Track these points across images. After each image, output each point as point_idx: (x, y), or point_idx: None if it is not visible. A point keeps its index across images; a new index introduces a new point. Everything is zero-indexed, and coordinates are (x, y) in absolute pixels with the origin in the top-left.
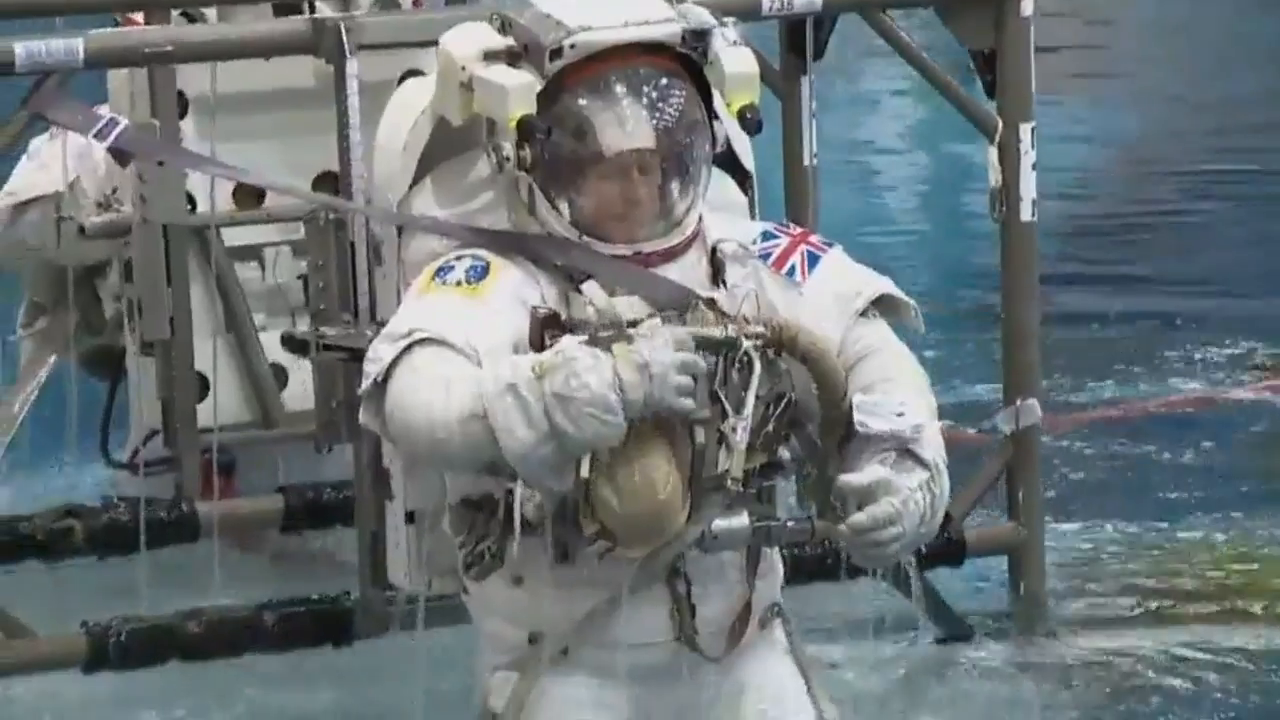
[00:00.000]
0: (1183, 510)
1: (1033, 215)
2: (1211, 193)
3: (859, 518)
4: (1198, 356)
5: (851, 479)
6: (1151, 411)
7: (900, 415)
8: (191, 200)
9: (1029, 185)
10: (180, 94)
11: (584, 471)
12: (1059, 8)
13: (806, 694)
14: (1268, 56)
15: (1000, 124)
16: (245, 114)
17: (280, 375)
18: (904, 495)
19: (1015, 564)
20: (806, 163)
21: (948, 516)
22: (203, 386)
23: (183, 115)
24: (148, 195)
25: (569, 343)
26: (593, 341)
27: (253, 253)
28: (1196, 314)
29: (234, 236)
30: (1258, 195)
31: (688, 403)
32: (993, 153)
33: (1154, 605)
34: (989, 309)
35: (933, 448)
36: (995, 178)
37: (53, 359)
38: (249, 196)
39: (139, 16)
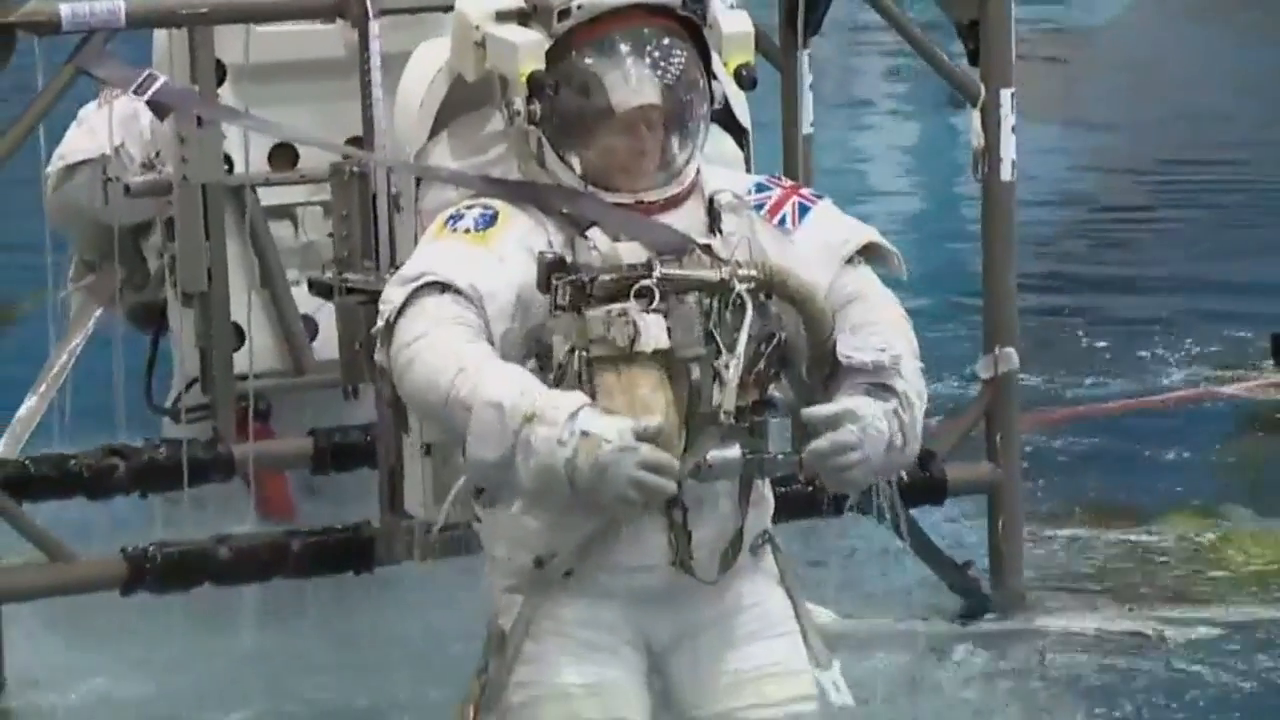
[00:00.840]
0: (1158, 500)
1: (1012, 175)
2: (1179, 201)
3: (819, 443)
4: (1171, 357)
5: (816, 410)
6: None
7: (881, 351)
8: (229, 162)
9: (1009, 147)
10: (219, 62)
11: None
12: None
13: (794, 618)
14: (1224, 83)
15: (983, 90)
16: (279, 82)
17: (311, 326)
18: (865, 422)
19: (993, 502)
20: (804, 131)
21: (931, 455)
22: (239, 337)
23: (221, 82)
24: (188, 157)
25: (567, 405)
26: (594, 406)
27: (286, 212)
28: (1169, 315)
29: (269, 196)
30: (1219, 205)
31: (631, 500)
32: (975, 116)
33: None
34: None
35: (907, 381)
36: (977, 140)
37: (99, 312)
38: (283, 159)
39: None
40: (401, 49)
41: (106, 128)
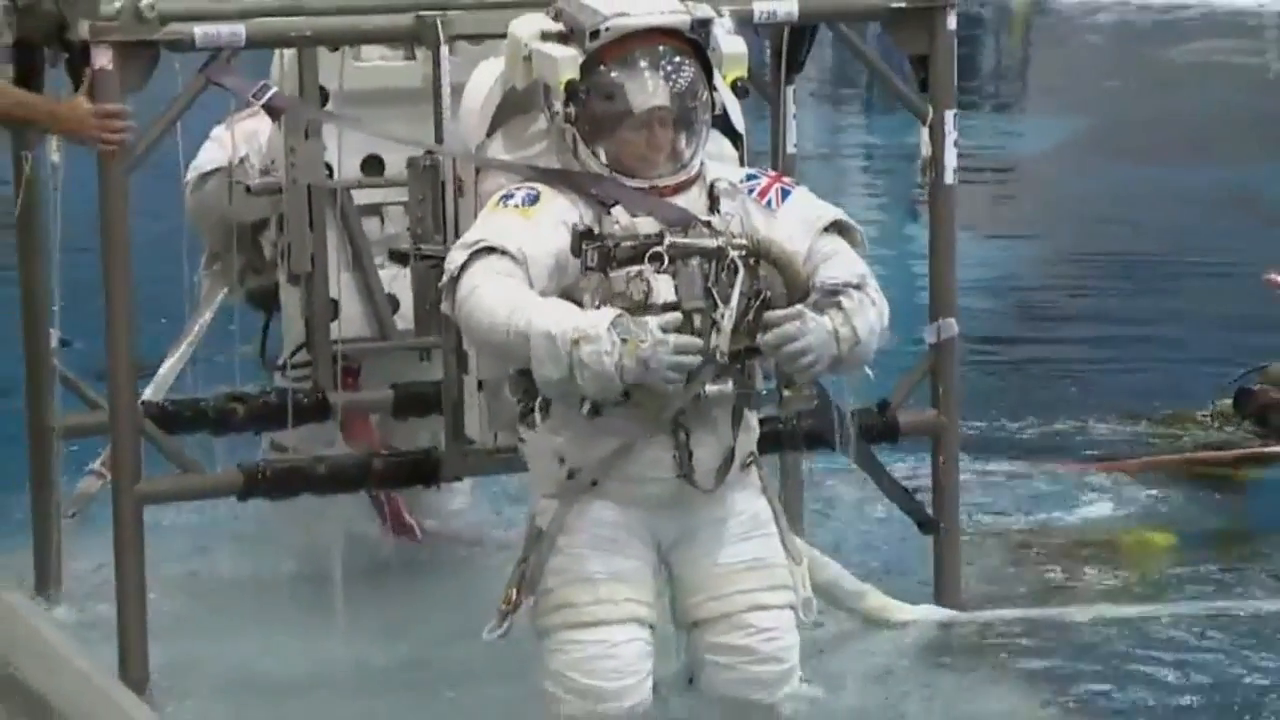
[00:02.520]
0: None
1: (954, 180)
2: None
3: (767, 336)
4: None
5: (773, 314)
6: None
7: (853, 275)
8: (329, 169)
9: (951, 157)
10: (321, 88)
11: None
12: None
13: (774, 522)
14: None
15: (930, 111)
16: (368, 106)
17: (393, 302)
18: (810, 319)
19: (935, 444)
20: (789, 151)
21: (886, 404)
22: (335, 309)
23: (323, 104)
24: (296, 164)
25: (604, 321)
26: (624, 315)
27: (374, 210)
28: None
29: (361, 197)
30: (1154, 275)
31: (673, 379)
32: (924, 132)
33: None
34: None
35: (854, 303)
36: (926, 151)
37: (224, 292)
38: (373, 168)
39: None
40: (461, 80)
41: (232, 143)
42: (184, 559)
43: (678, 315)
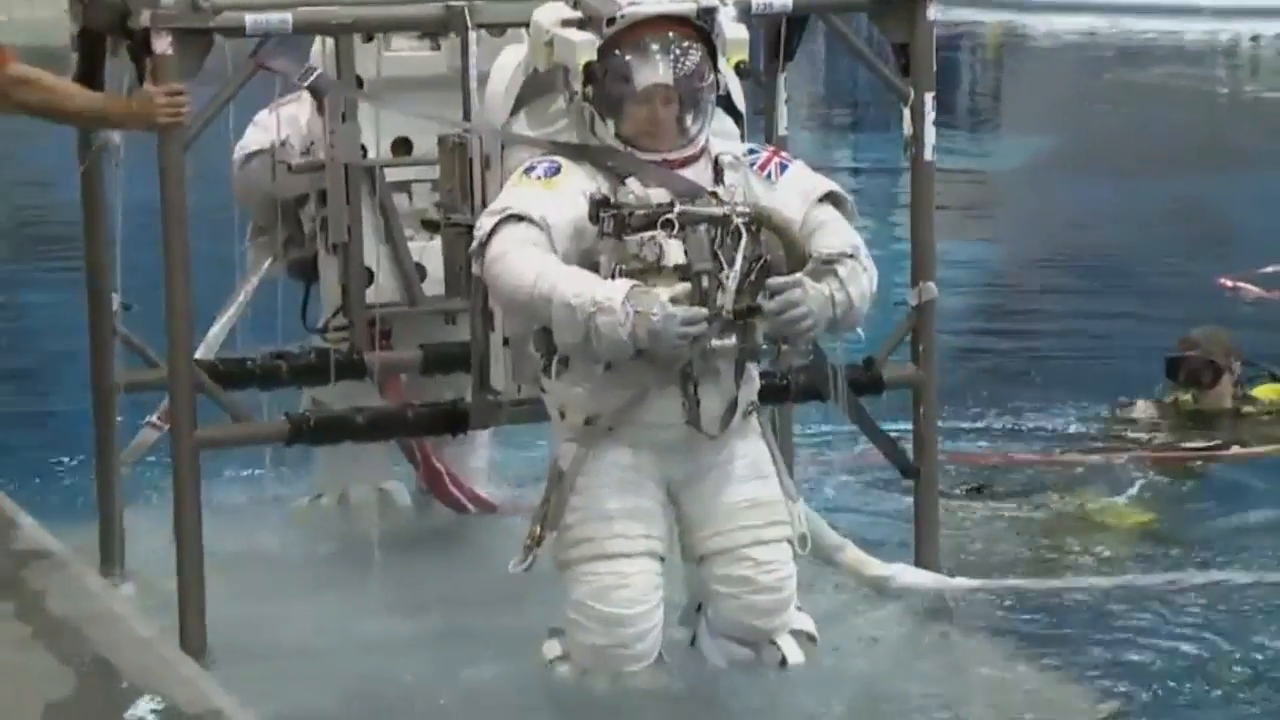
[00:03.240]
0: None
1: (932, 156)
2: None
3: (770, 303)
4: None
5: (774, 281)
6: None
7: (846, 244)
8: (364, 149)
9: (930, 135)
10: (357, 76)
11: None
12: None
13: (773, 464)
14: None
15: (911, 93)
16: (397, 91)
17: (421, 271)
18: (808, 286)
19: (915, 397)
20: (781, 134)
21: (871, 360)
22: (369, 277)
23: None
24: (334, 144)
25: (619, 293)
26: (637, 284)
27: (404, 186)
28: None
29: (392, 174)
30: (1115, 278)
31: (680, 346)
32: (906, 113)
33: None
34: None
35: (848, 271)
36: (908, 129)
37: (268, 263)
38: (402, 149)
39: None
40: (483, 69)
41: (275, 126)
42: (237, 539)
43: (686, 286)
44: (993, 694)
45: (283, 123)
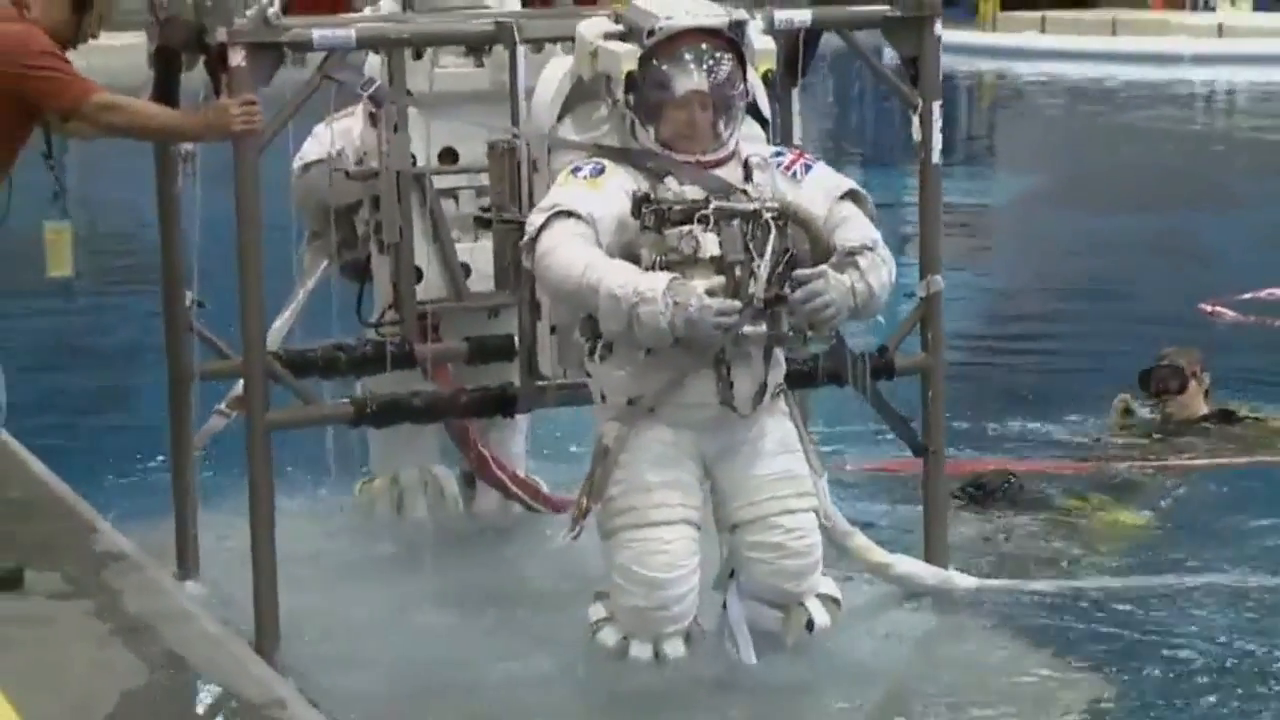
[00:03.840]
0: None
1: (939, 160)
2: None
3: (797, 294)
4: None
5: (801, 272)
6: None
7: (865, 237)
8: (414, 158)
9: (937, 140)
10: (408, 91)
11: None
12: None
13: (799, 442)
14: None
15: (920, 101)
16: (448, 104)
17: (466, 270)
18: (831, 277)
19: (924, 381)
20: (795, 142)
21: (885, 348)
22: (419, 275)
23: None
24: (387, 153)
25: (659, 285)
26: (676, 277)
27: (450, 193)
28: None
29: (440, 182)
30: (1102, 303)
31: (715, 335)
32: (915, 119)
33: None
34: None
35: (868, 262)
36: (917, 134)
37: (324, 264)
38: (448, 158)
39: None
40: (526, 83)
41: (331, 139)
42: (308, 541)
43: (721, 280)
44: (1002, 686)
45: (337, 135)
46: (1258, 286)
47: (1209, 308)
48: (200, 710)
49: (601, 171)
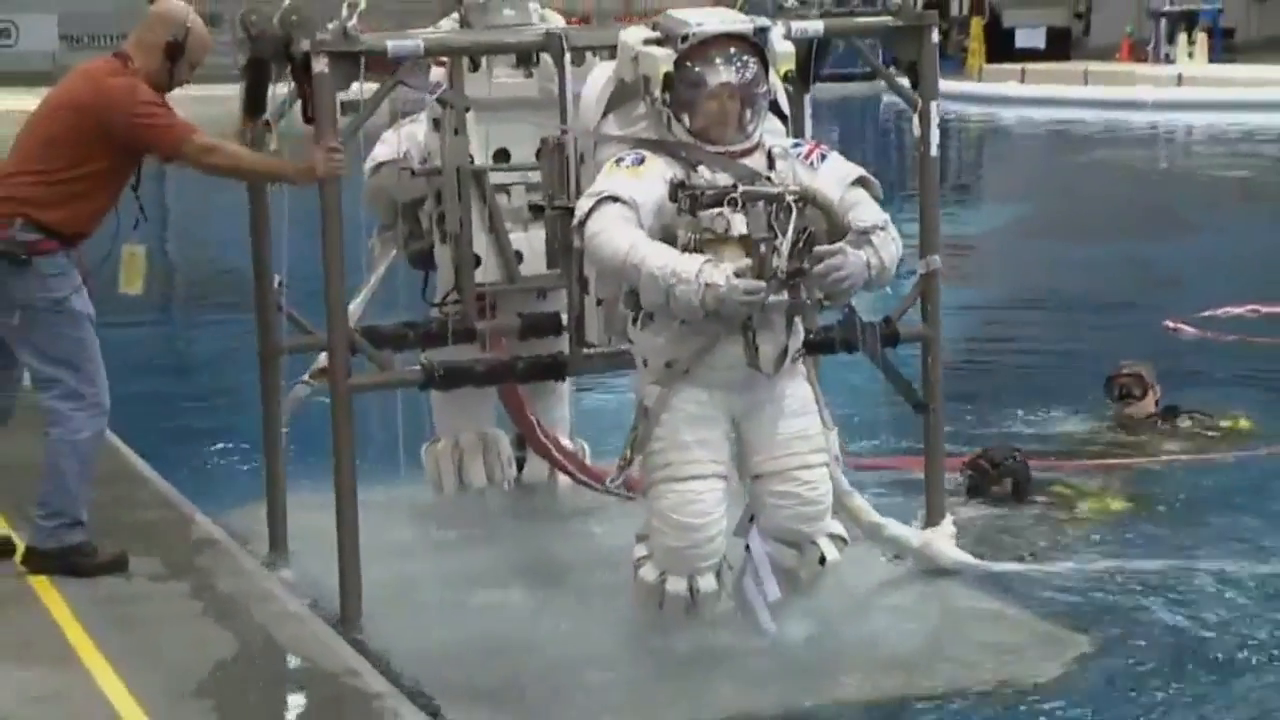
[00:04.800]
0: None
1: (936, 152)
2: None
3: (818, 267)
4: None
5: (821, 248)
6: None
7: (877, 218)
8: (472, 158)
9: (935, 135)
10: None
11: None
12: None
13: (815, 402)
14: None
15: (920, 101)
16: (499, 110)
17: (519, 256)
18: (849, 252)
19: (924, 348)
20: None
21: (889, 319)
22: (477, 261)
23: (468, 108)
24: (447, 153)
25: (694, 267)
26: (709, 259)
27: (504, 188)
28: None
29: (495, 178)
30: (1074, 319)
31: (742, 312)
32: (915, 118)
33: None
34: None
35: (880, 240)
36: (916, 130)
37: (392, 254)
38: (502, 157)
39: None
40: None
41: (398, 141)
42: (389, 530)
43: (748, 262)
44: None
45: (404, 139)
46: (1215, 306)
47: (1171, 324)
48: (283, 682)
49: (642, 161)
